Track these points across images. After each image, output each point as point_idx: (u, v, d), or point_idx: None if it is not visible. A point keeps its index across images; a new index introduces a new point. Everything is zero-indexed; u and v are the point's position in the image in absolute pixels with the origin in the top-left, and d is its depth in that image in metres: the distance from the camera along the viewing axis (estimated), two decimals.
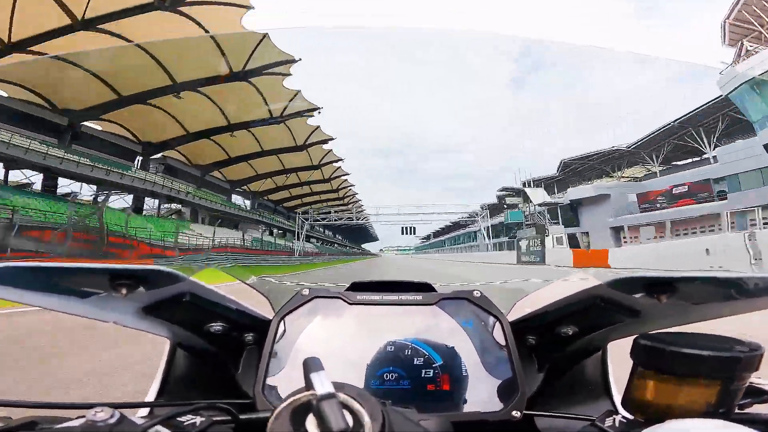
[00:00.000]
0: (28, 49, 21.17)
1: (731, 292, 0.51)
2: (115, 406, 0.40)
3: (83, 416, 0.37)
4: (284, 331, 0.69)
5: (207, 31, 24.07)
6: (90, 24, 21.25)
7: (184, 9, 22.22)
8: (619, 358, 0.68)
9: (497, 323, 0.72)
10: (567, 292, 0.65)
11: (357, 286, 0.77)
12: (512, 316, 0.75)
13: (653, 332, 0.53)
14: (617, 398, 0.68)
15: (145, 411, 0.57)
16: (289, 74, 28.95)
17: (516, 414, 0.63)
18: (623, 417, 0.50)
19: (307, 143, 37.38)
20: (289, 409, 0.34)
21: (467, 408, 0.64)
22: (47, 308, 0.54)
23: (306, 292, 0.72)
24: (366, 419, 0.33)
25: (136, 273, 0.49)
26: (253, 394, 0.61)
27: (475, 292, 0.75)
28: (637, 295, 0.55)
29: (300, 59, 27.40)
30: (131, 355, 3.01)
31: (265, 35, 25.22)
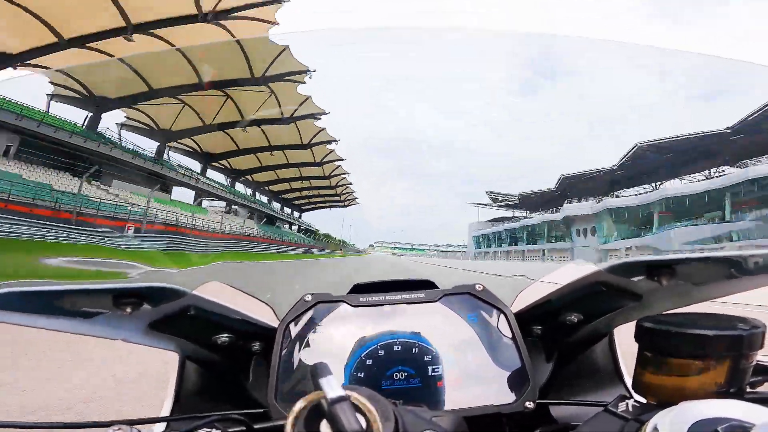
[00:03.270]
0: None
1: (732, 270, 0.51)
2: (132, 422, 0.42)
3: None
4: (291, 338, 0.69)
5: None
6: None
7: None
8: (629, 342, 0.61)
9: (502, 315, 0.72)
10: (568, 280, 0.65)
11: (359, 288, 0.78)
12: (516, 308, 0.75)
13: (655, 314, 0.54)
14: (629, 382, 0.66)
15: (161, 426, 0.59)
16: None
17: (529, 404, 0.63)
18: (636, 401, 0.49)
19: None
20: (302, 415, 0.34)
21: (479, 402, 0.63)
22: (53, 330, 0.54)
23: (309, 297, 0.73)
24: (378, 420, 0.33)
25: (140, 291, 0.49)
26: (266, 402, 0.62)
27: (477, 286, 0.75)
28: (638, 279, 0.55)
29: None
30: None
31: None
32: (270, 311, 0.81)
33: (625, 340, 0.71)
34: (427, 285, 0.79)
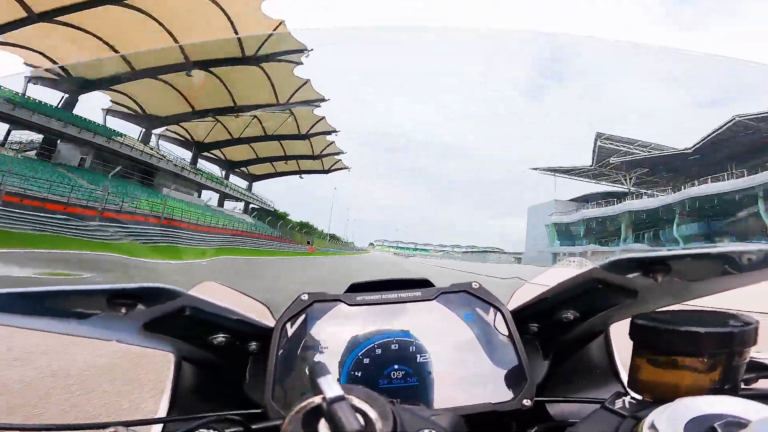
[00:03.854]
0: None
1: (727, 267, 0.50)
2: (129, 424, 0.43)
3: None
4: (287, 337, 0.69)
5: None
6: None
7: None
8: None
9: (498, 313, 0.72)
10: (563, 278, 0.65)
11: (356, 287, 0.78)
12: (512, 305, 0.75)
13: (649, 312, 0.55)
14: (625, 379, 0.67)
15: (158, 428, 0.59)
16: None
17: (527, 402, 0.63)
18: (632, 398, 0.49)
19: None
20: (300, 414, 0.34)
21: (477, 400, 0.63)
22: (47, 331, 0.54)
23: (305, 297, 0.72)
24: (377, 419, 0.33)
25: (134, 291, 0.48)
26: (263, 403, 0.61)
27: (473, 284, 0.75)
28: (633, 275, 0.54)
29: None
30: None
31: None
32: (266, 311, 0.82)
33: (620, 337, 0.71)
34: (423, 284, 0.79)
